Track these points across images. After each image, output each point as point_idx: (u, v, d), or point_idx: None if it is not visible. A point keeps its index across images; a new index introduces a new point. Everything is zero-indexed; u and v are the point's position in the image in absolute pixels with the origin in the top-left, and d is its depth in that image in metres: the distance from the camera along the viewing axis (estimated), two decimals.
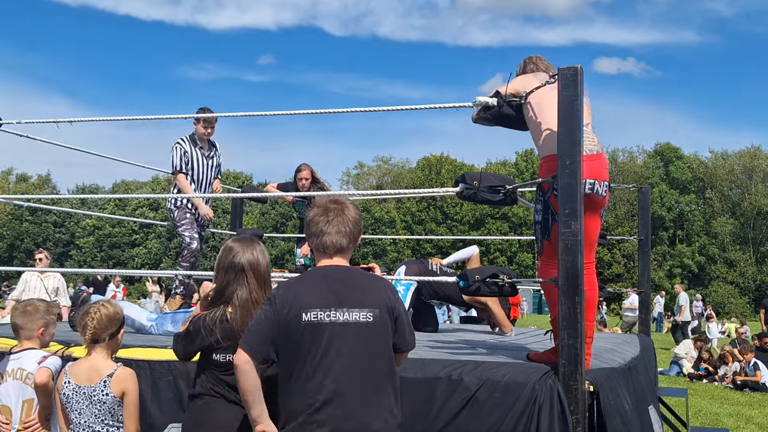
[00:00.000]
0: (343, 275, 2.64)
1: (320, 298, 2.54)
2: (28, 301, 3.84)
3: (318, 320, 2.51)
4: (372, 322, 2.56)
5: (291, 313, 2.52)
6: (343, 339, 2.51)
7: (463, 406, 3.47)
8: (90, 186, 66.04)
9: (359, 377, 2.51)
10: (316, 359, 2.49)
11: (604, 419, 3.45)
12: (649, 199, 6.89)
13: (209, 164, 6.50)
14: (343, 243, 2.68)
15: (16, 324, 3.70)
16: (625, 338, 6.54)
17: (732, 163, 59.66)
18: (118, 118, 6.58)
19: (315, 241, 2.69)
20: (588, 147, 3.75)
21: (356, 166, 70.16)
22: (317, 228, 2.68)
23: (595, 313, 3.93)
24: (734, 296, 53.67)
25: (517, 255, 54.33)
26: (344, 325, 2.52)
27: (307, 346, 2.50)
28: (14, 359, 3.66)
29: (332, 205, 2.70)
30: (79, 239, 60.98)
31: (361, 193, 8.74)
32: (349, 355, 2.50)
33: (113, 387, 3.17)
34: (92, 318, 3.23)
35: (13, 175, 71.98)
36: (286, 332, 2.52)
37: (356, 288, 2.60)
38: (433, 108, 4.36)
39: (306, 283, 2.63)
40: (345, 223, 2.67)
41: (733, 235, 56.87)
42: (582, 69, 3.52)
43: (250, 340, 2.54)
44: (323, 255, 2.70)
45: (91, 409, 3.15)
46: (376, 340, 2.57)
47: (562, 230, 3.45)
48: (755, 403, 10.60)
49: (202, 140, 6.44)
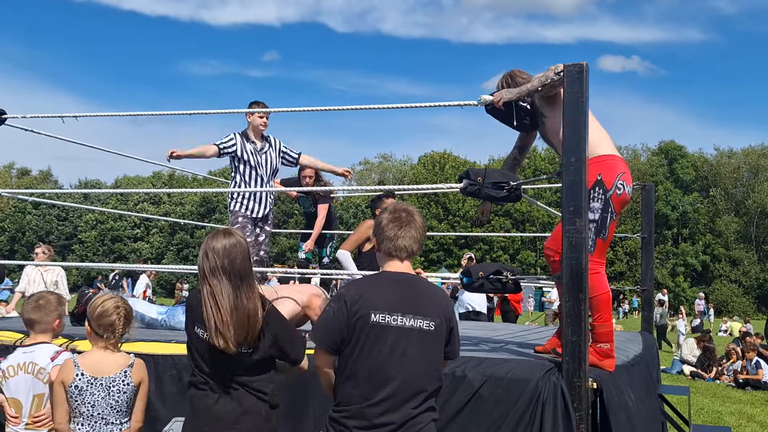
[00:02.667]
0: (409, 282, 2.81)
1: (389, 302, 2.71)
2: (39, 295, 3.81)
3: (385, 322, 2.68)
4: (433, 330, 2.74)
5: (360, 311, 2.68)
6: (406, 343, 2.68)
7: (466, 402, 3.47)
8: (92, 181, 66.13)
9: (414, 379, 2.68)
10: (379, 359, 2.66)
11: (607, 416, 3.46)
12: (653, 197, 6.87)
13: (262, 160, 6.21)
14: (414, 248, 2.85)
15: (31, 319, 3.67)
16: (628, 336, 6.53)
17: (738, 161, 59.53)
18: (123, 114, 6.58)
19: (388, 245, 2.83)
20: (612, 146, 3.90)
21: (361, 162, 70.15)
22: (392, 232, 2.82)
23: (611, 314, 3.94)
24: (737, 295, 53.60)
25: (519, 252, 54.27)
26: (409, 331, 2.70)
27: (371, 344, 2.67)
28: (26, 353, 3.63)
29: (403, 213, 2.86)
30: (82, 233, 61.08)
31: (364, 189, 8.74)
32: (409, 359, 2.67)
33: (134, 376, 3.25)
34: (119, 316, 3.27)
35: (14, 169, 72.08)
36: (354, 328, 2.68)
37: (421, 296, 2.78)
38: (437, 106, 4.37)
39: (376, 285, 2.79)
40: (417, 229, 2.85)
41: (737, 234, 56.76)
42: (588, 66, 3.51)
43: (316, 335, 2.75)
44: (394, 258, 2.84)
45: (108, 401, 3.17)
46: (433, 346, 2.76)
47: (567, 227, 3.45)
48: (757, 402, 10.60)
49: (256, 133, 6.20)
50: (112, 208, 55.12)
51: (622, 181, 3.87)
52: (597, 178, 3.81)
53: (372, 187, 7.45)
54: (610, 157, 3.92)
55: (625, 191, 3.89)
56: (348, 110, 5.09)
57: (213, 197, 55.53)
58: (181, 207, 58.91)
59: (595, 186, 3.82)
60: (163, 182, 61.24)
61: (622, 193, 3.88)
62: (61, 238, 60.60)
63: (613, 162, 3.92)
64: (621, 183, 3.87)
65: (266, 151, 6.28)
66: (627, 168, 3.98)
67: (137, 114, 6.32)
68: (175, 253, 58.02)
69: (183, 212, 57.47)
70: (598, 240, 3.83)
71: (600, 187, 3.83)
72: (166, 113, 8.89)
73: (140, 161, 8.94)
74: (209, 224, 29.30)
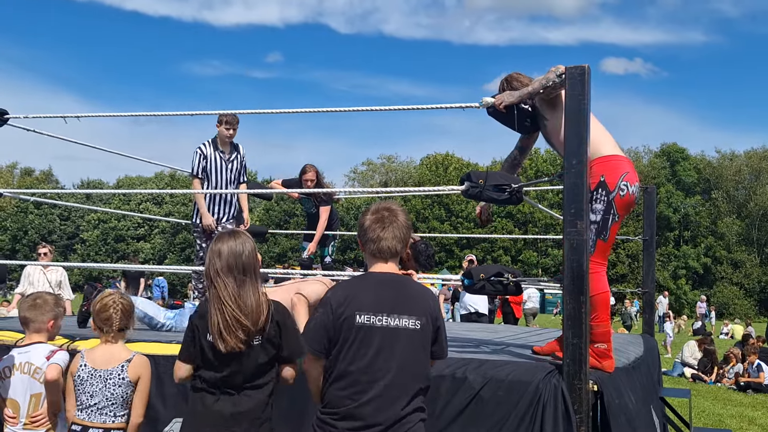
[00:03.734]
0: (395, 283, 2.82)
1: (374, 303, 2.72)
2: (37, 294, 3.84)
3: (370, 323, 2.69)
4: (419, 329, 2.74)
5: (346, 312, 2.69)
6: (392, 343, 2.69)
7: (467, 404, 3.47)
8: (94, 181, 66.18)
9: (401, 379, 2.69)
10: (365, 359, 2.67)
11: (608, 419, 3.45)
12: (654, 199, 6.88)
13: (229, 167, 6.51)
14: (398, 247, 2.84)
15: (25, 317, 3.70)
16: (629, 338, 6.53)
17: (739, 163, 59.48)
18: (125, 114, 6.60)
19: (372, 247, 2.83)
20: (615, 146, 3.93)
21: (364, 163, 70.12)
22: (374, 234, 2.82)
23: (609, 314, 3.94)
24: (739, 297, 53.52)
25: (521, 252, 54.23)
26: (395, 330, 2.70)
27: (357, 345, 2.68)
28: (21, 353, 3.65)
29: (385, 212, 2.84)
30: (84, 233, 61.11)
31: (367, 191, 8.77)
32: (396, 359, 2.68)
33: (130, 371, 3.36)
34: (116, 310, 3.43)
35: (17, 169, 72.18)
36: (340, 330, 2.69)
37: (406, 296, 2.79)
38: (439, 108, 4.37)
39: (361, 286, 2.80)
40: (399, 228, 2.83)
41: (739, 236, 56.70)
42: (589, 68, 3.52)
43: (307, 340, 2.77)
44: (378, 259, 2.84)
45: (104, 393, 3.31)
46: (419, 346, 2.76)
47: (568, 230, 3.45)
48: (758, 405, 10.59)
49: (224, 143, 6.49)
50: (114, 208, 55.13)
51: (625, 182, 3.86)
52: (600, 179, 3.81)
53: (372, 189, 7.47)
54: (614, 157, 3.92)
55: (629, 192, 3.88)
56: (349, 111, 5.10)
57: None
58: (183, 207, 58.94)
59: (598, 187, 3.82)
60: (165, 183, 61.25)
61: (626, 194, 3.87)
62: (63, 238, 60.65)
63: (617, 162, 3.92)
64: (625, 184, 3.85)
65: (233, 159, 6.56)
66: (632, 167, 3.97)
67: (139, 114, 6.36)
68: (178, 254, 58.01)
69: (186, 212, 57.48)
70: (598, 241, 3.83)
71: (603, 188, 3.83)
72: (168, 114, 8.91)
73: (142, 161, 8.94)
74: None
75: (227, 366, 2.86)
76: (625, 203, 3.89)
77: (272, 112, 5.11)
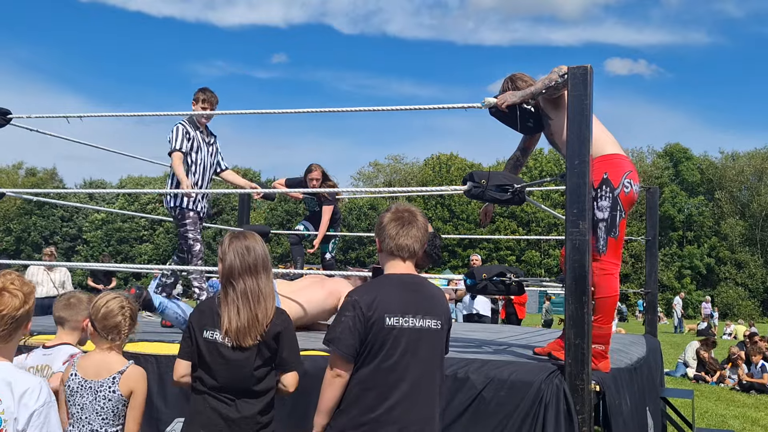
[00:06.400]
0: (416, 284, 2.85)
1: (401, 304, 2.74)
2: (71, 293, 3.73)
3: (399, 325, 2.72)
4: (439, 329, 2.81)
5: (375, 315, 2.70)
6: (418, 344, 2.73)
7: (468, 405, 3.47)
8: (97, 181, 66.21)
9: (427, 379, 2.75)
10: (392, 360, 2.69)
11: (609, 419, 3.45)
12: (657, 199, 6.88)
13: (210, 151, 5.94)
14: (416, 247, 2.86)
15: (61, 317, 3.57)
16: (632, 339, 6.52)
17: (742, 164, 59.35)
18: (128, 114, 6.60)
19: (390, 244, 2.85)
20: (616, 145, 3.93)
21: (371, 164, 70.04)
22: (393, 231, 2.85)
23: (613, 317, 3.94)
24: (743, 298, 53.40)
25: (525, 252, 54.19)
26: (419, 331, 2.75)
27: (387, 348, 2.70)
28: (46, 354, 3.51)
29: (406, 213, 2.88)
30: (87, 233, 61.14)
31: (370, 191, 8.76)
32: (421, 359, 2.73)
33: (122, 385, 3.04)
34: (125, 316, 3.14)
35: (22, 169, 72.25)
36: (370, 332, 2.70)
37: (427, 296, 2.83)
38: (441, 108, 4.37)
39: (387, 288, 2.80)
40: (418, 228, 2.87)
41: (742, 237, 56.58)
42: (591, 69, 3.51)
43: (340, 344, 2.71)
44: (396, 258, 2.86)
45: (94, 406, 3.02)
46: (438, 345, 2.83)
47: (570, 230, 3.45)
48: (761, 406, 10.55)
49: (201, 124, 5.91)
50: (119, 209, 55.15)
51: (629, 180, 3.86)
52: (603, 176, 3.81)
53: (374, 189, 7.47)
54: (616, 156, 3.92)
55: (632, 189, 3.88)
56: (353, 111, 5.09)
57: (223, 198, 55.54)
58: None
59: (602, 185, 3.81)
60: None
61: (630, 191, 3.87)
62: (66, 239, 60.71)
63: (619, 160, 3.92)
64: (628, 181, 3.86)
65: (212, 142, 6.01)
66: (633, 167, 3.98)
67: (143, 114, 6.33)
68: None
69: None
70: (609, 239, 3.81)
71: (607, 185, 3.82)
72: (172, 114, 8.87)
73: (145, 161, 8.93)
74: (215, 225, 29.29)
75: (224, 367, 2.87)
76: (629, 200, 3.89)
77: (276, 112, 5.11)
